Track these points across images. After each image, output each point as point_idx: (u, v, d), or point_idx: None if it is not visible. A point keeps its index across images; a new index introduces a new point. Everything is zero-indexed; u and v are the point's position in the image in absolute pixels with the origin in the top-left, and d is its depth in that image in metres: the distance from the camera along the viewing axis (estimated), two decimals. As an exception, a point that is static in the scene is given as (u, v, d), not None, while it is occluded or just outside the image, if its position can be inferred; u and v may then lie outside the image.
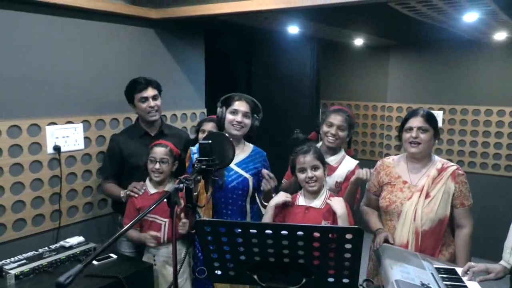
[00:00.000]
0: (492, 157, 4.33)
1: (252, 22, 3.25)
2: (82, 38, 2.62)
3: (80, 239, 2.36)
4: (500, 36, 3.76)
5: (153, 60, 3.05)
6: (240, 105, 2.34)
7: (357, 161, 2.50)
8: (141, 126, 2.65)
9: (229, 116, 2.34)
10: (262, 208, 2.53)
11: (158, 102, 2.61)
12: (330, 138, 2.44)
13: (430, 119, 2.20)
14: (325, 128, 2.47)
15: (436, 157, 2.28)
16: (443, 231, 2.16)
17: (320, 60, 5.12)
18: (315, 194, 2.21)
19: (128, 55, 2.89)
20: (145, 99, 2.55)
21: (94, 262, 2.21)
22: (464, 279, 1.81)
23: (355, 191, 2.30)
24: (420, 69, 4.69)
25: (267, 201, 2.30)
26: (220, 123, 2.38)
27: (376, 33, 4.09)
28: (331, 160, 2.46)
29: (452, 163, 2.25)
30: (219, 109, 2.38)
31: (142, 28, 2.96)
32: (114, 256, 2.30)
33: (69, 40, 2.55)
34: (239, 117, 2.33)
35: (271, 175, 2.33)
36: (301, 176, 2.20)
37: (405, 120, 2.25)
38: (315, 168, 2.17)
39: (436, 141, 2.25)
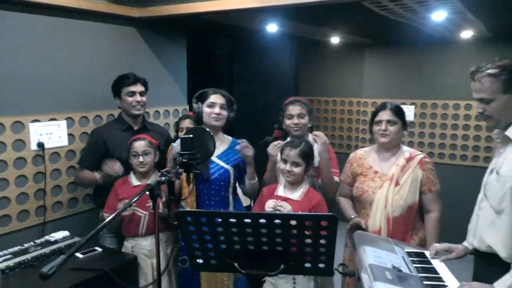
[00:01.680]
0: (460, 148, 4.54)
1: (233, 21, 3.32)
2: (65, 37, 2.65)
3: (65, 233, 2.40)
4: (466, 34, 3.94)
5: (136, 58, 3.10)
6: (216, 98, 2.45)
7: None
8: (125, 120, 2.70)
9: (207, 109, 2.43)
10: (242, 197, 2.64)
11: (144, 98, 2.69)
12: (294, 128, 2.53)
13: (397, 112, 2.32)
14: (287, 122, 2.56)
15: (405, 147, 2.41)
16: (412, 216, 2.29)
17: (299, 57, 5.23)
18: (294, 185, 2.31)
19: (111, 53, 2.93)
20: (133, 93, 2.62)
21: (79, 255, 2.26)
22: (432, 261, 1.93)
23: (327, 158, 2.44)
24: (393, 66, 4.85)
25: (253, 177, 2.46)
26: (198, 118, 2.47)
27: (352, 32, 4.22)
28: None
29: (419, 152, 2.38)
30: (195, 105, 2.48)
31: (124, 27, 3.00)
32: (99, 249, 2.35)
33: (52, 39, 2.58)
34: (217, 109, 2.42)
35: (245, 143, 2.41)
36: (282, 166, 2.30)
37: (375, 113, 2.38)
38: (295, 164, 2.26)
39: (405, 132, 2.37)
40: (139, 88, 2.65)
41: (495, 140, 1.89)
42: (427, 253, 2.01)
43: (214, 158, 2.43)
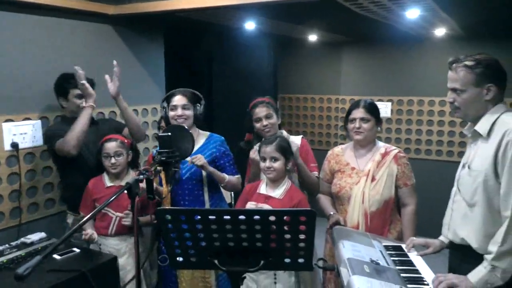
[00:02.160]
0: (435, 144, 4.65)
1: (211, 19, 3.31)
2: (38, 34, 2.60)
3: (42, 235, 2.36)
4: (440, 32, 4.03)
5: (112, 56, 3.03)
6: (178, 100, 2.48)
7: (300, 136, 2.63)
8: (71, 120, 2.47)
9: (170, 113, 2.48)
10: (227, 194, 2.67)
11: None
12: (265, 129, 2.54)
13: (371, 109, 2.36)
14: (257, 125, 2.57)
15: (380, 143, 2.45)
16: (390, 211, 2.33)
17: (278, 55, 5.25)
18: (276, 183, 2.32)
19: (86, 51, 2.88)
20: (82, 96, 2.48)
21: (57, 256, 2.22)
22: (409, 254, 1.97)
23: (301, 163, 2.47)
24: (370, 64, 4.93)
25: (221, 181, 2.48)
26: (167, 120, 2.51)
27: (329, 30, 4.26)
28: None
29: (394, 147, 2.42)
30: (163, 108, 2.52)
31: (99, 24, 2.96)
32: (77, 250, 2.32)
33: (25, 37, 2.53)
34: (179, 111, 2.46)
35: (193, 158, 2.39)
36: (262, 164, 2.32)
37: (349, 111, 2.41)
38: (274, 159, 2.28)
39: (379, 128, 2.41)
40: None
41: (467, 135, 1.94)
42: (404, 246, 2.05)
43: None
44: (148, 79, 3.39)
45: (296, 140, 2.59)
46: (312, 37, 4.72)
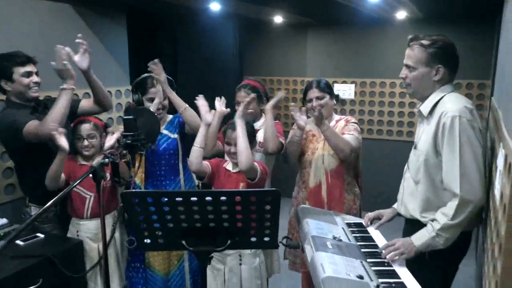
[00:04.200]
0: (396, 125, 4.80)
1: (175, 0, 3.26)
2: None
3: (3, 221, 2.31)
4: (401, 15, 4.14)
5: (73, 37, 2.94)
6: (156, 93, 2.53)
7: (276, 121, 2.67)
8: (21, 103, 2.35)
9: (148, 104, 2.51)
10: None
11: (39, 79, 2.39)
12: None
13: (323, 87, 2.56)
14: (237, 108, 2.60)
15: (336, 115, 2.65)
16: (344, 169, 2.54)
17: (243, 37, 5.22)
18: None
19: (45, 31, 2.79)
20: (29, 73, 2.32)
21: (20, 242, 2.19)
22: (369, 229, 2.07)
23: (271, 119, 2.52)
24: (335, 46, 4.99)
25: (181, 106, 2.52)
26: (139, 104, 2.52)
27: (294, 12, 4.27)
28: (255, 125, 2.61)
29: (348, 116, 2.64)
30: (135, 96, 2.52)
31: (59, 4, 2.86)
32: (41, 236, 2.29)
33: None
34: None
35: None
36: (226, 148, 2.34)
37: (304, 93, 2.62)
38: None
39: (334, 102, 2.60)
40: (33, 68, 2.35)
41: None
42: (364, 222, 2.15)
43: (161, 129, 2.53)
44: (111, 61, 3.32)
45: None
46: (278, 19, 4.72)
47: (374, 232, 2.03)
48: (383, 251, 1.78)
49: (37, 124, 2.22)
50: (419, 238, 1.79)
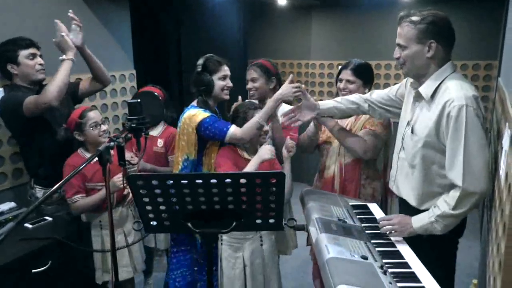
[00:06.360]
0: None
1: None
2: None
3: (12, 204, 2.34)
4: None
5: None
6: (228, 70, 2.36)
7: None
8: (27, 86, 2.40)
9: (220, 82, 2.31)
10: None
11: (43, 62, 2.44)
12: (250, 93, 2.60)
13: (358, 72, 2.42)
14: (247, 86, 2.61)
15: None
16: (362, 163, 2.40)
17: (247, 20, 5.18)
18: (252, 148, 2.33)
19: (48, 16, 2.76)
20: (34, 55, 2.38)
21: (28, 225, 2.22)
22: (373, 212, 2.07)
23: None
24: (339, 28, 4.94)
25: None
26: (208, 89, 2.30)
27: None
28: None
29: None
30: (207, 77, 2.28)
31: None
32: (50, 219, 2.32)
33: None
34: (229, 82, 2.35)
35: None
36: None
37: (340, 71, 2.49)
38: None
39: (366, 90, 2.43)
40: (37, 51, 2.41)
41: (412, 89, 1.92)
42: (370, 205, 2.15)
43: None
44: (115, 45, 3.30)
45: (286, 109, 2.52)
46: (282, 1, 4.66)
47: (378, 214, 2.04)
48: (380, 222, 1.82)
49: (37, 96, 2.27)
50: (419, 221, 1.78)
